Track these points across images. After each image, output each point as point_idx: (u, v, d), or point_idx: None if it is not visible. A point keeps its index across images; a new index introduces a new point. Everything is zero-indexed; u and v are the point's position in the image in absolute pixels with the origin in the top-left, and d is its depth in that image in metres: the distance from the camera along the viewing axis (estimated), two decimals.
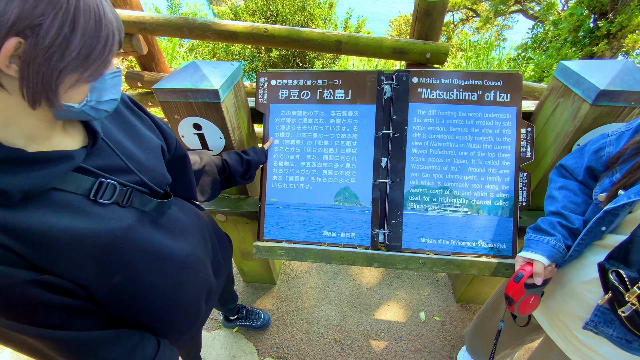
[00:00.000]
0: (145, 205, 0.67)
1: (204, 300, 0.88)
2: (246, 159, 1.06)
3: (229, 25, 1.61)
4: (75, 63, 0.46)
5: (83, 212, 0.55)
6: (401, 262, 1.07)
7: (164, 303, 0.74)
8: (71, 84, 0.48)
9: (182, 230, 0.79)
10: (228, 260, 1.10)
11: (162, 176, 0.73)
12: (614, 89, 0.85)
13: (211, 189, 1.01)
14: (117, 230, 0.59)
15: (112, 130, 0.66)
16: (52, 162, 0.50)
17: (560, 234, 0.80)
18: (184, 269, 0.76)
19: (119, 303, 0.66)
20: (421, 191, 1.09)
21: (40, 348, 0.56)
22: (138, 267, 0.65)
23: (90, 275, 0.58)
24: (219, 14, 5.97)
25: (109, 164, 0.61)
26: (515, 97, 1.07)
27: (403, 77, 1.11)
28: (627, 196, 0.67)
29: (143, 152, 0.70)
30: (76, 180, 0.55)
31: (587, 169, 0.82)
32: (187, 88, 0.97)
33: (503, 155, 1.07)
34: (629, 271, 0.64)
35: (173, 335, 0.82)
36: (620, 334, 0.73)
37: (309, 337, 1.70)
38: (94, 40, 0.47)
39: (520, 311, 0.82)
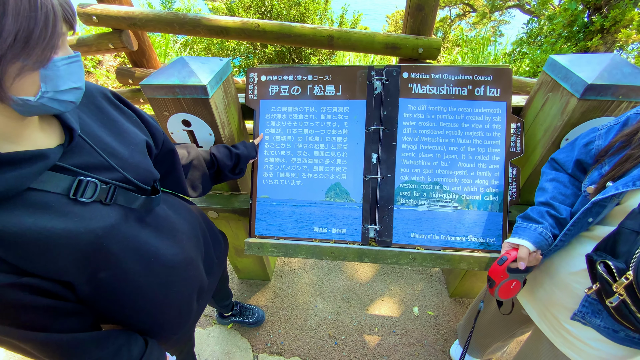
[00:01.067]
0: (132, 202, 0.66)
1: (195, 299, 0.87)
2: (235, 152, 1.05)
3: (220, 20, 1.60)
4: (14, 50, 0.42)
5: (62, 212, 0.54)
6: (392, 258, 1.07)
7: (152, 303, 0.73)
8: (16, 73, 0.44)
9: (171, 228, 0.77)
10: (222, 259, 1.09)
11: (147, 172, 0.71)
12: (602, 83, 0.85)
13: (202, 184, 0.99)
14: (99, 230, 0.57)
15: (93, 127, 0.64)
16: (25, 162, 0.49)
17: (548, 222, 0.81)
18: (172, 268, 0.75)
19: (105, 302, 0.66)
20: (411, 187, 1.09)
21: (24, 347, 0.56)
22: (123, 266, 0.64)
23: (74, 275, 0.57)
24: (214, 9, 5.91)
25: (89, 162, 0.59)
26: (505, 92, 1.07)
27: (393, 73, 1.10)
28: (615, 187, 0.67)
29: (126, 148, 0.68)
30: (54, 179, 0.53)
31: (577, 162, 0.82)
32: (175, 84, 0.96)
33: (493, 150, 1.07)
34: (617, 262, 0.64)
35: (163, 334, 0.81)
36: (608, 324, 0.74)
37: (303, 332, 1.71)
38: (31, 22, 0.42)
39: (501, 294, 0.84)
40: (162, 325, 0.79)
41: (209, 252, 0.97)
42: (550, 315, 0.88)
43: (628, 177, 0.67)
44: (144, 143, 0.73)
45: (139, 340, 0.72)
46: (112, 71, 3.67)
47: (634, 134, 0.68)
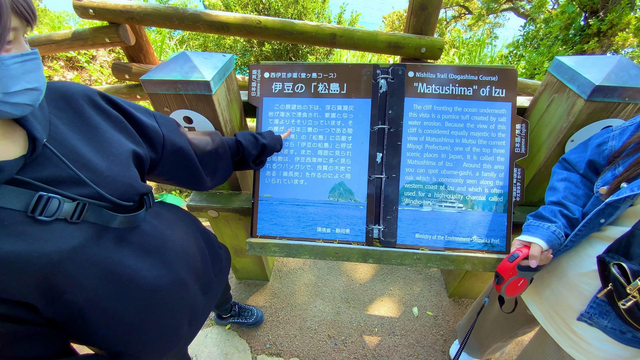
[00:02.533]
0: (108, 221, 0.59)
1: (186, 323, 0.81)
2: (262, 142, 0.99)
3: (221, 16, 1.57)
4: None
5: (14, 232, 0.48)
6: (396, 258, 1.06)
7: (127, 327, 0.66)
8: None
9: (159, 246, 0.71)
10: (222, 276, 1.02)
11: (127, 186, 0.62)
12: (609, 84, 0.85)
13: (223, 173, 0.94)
14: (54, 254, 0.51)
15: (66, 135, 0.56)
16: None
17: (561, 222, 0.81)
18: (154, 291, 0.68)
19: (76, 324, 0.60)
20: (416, 187, 1.08)
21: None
22: (89, 291, 0.58)
23: (34, 297, 0.53)
24: (210, 5, 5.84)
25: (55, 175, 0.53)
26: (510, 92, 1.07)
27: (399, 71, 1.09)
28: (630, 189, 0.67)
29: (105, 159, 0.60)
30: (11, 194, 0.47)
31: (589, 162, 0.82)
32: (177, 79, 0.93)
33: (498, 151, 1.07)
34: (631, 264, 0.64)
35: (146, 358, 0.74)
36: (615, 325, 0.74)
37: (303, 333, 1.70)
38: None
39: (507, 291, 0.83)
40: (145, 350, 0.72)
41: (207, 270, 0.90)
42: (556, 315, 0.88)
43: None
44: (130, 153, 0.65)
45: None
46: (107, 66, 3.60)
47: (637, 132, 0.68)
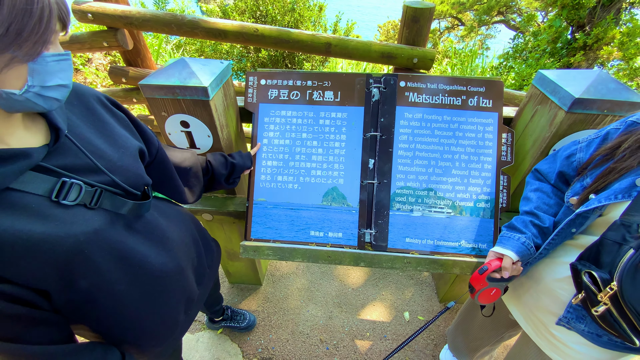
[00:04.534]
0: (119, 207, 0.63)
1: (182, 311, 0.84)
2: (231, 161, 1.05)
3: (219, 23, 1.60)
4: (6, 40, 0.42)
5: (42, 215, 0.51)
6: (387, 262, 1.09)
7: (134, 313, 0.70)
8: (4, 64, 0.44)
9: (161, 235, 0.75)
10: (214, 268, 1.06)
11: (137, 176, 0.68)
12: (588, 97, 0.90)
13: (198, 189, 0.99)
14: (80, 235, 0.55)
15: (82, 128, 0.62)
16: (5, 160, 0.47)
17: (531, 232, 0.84)
18: (160, 277, 0.72)
19: (84, 311, 0.63)
20: (407, 192, 1.12)
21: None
22: (104, 274, 0.61)
23: (51, 282, 0.55)
24: (208, 12, 5.90)
25: (75, 163, 0.57)
26: (497, 103, 1.12)
27: (391, 81, 1.13)
28: (597, 200, 0.70)
29: (116, 150, 0.65)
30: (36, 180, 0.51)
31: (559, 173, 0.86)
32: (175, 85, 0.95)
33: (485, 159, 1.11)
34: (601, 272, 0.67)
35: (145, 346, 0.77)
36: (592, 329, 0.77)
37: (295, 337, 1.70)
38: (26, 15, 0.43)
39: (481, 300, 0.87)
40: (144, 336, 0.75)
41: (201, 261, 0.94)
42: (536, 319, 0.91)
43: (610, 190, 0.70)
44: (136, 148, 0.71)
45: (116, 355, 0.68)
46: (102, 69, 3.60)
47: (616, 148, 0.72)
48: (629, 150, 0.71)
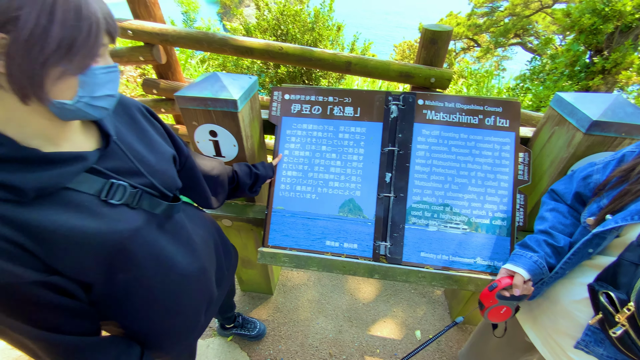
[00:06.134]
0: (155, 207, 0.68)
1: (203, 311, 0.88)
2: (255, 172, 1.10)
3: (246, 41, 1.71)
4: (57, 55, 0.45)
5: (93, 212, 0.56)
6: (401, 275, 1.10)
7: (162, 309, 0.73)
8: (57, 76, 0.47)
9: (187, 237, 0.79)
10: (232, 272, 1.10)
11: (172, 179, 0.75)
12: (606, 120, 0.92)
13: (223, 196, 1.04)
14: (125, 232, 0.59)
15: (126, 135, 0.68)
16: (66, 162, 0.52)
17: (544, 251, 0.84)
18: (186, 276, 0.76)
19: (117, 306, 0.66)
20: (423, 207, 1.14)
21: (31, 346, 0.56)
22: (141, 270, 0.65)
23: (95, 275, 0.59)
24: (231, 29, 6.20)
25: (121, 166, 0.63)
26: (514, 123, 1.14)
27: (409, 99, 1.18)
28: (614, 221, 0.71)
29: (154, 156, 0.71)
30: (88, 181, 0.56)
31: (576, 194, 0.87)
32: (208, 97, 1.03)
33: (501, 177, 1.12)
34: (619, 293, 0.67)
35: (167, 343, 0.80)
36: (611, 354, 0.76)
37: (304, 349, 1.69)
38: (75, 31, 0.45)
39: (490, 317, 0.86)
40: (168, 334, 0.79)
41: (220, 264, 0.98)
42: (553, 342, 0.89)
43: (626, 211, 0.70)
44: (171, 154, 0.78)
45: (137, 349, 0.72)
46: (132, 81, 3.82)
47: (631, 170, 0.73)
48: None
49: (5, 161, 0.46)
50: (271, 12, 5.51)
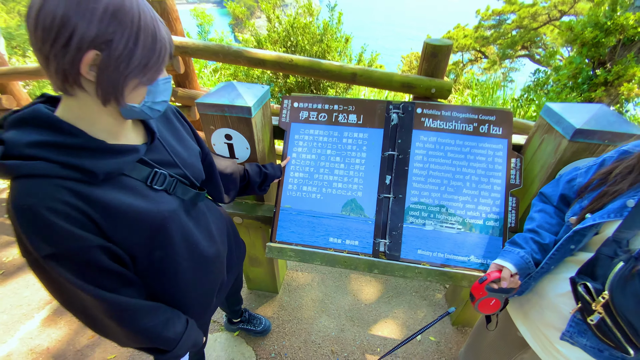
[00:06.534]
0: (186, 194, 0.80)
1: (216, 292, 0.99)
2: (264, 172, 1.21)
3: (259, 53, 1.84)
4: (137, 70, 0.57)
5: (142, 194, 0.68)
6: (399, 271, 1.17)
7: (187, 287, 0.84)
8: (133, 86, 0.59)
9: (207, 224, 0.91)
10: (240, 262, 1.21)
11: (199, 171, 0.88)
12: (589, 128, 0.99)
13: (233, 193, 1.15)
14: (165, 212, 0.71)
15: (164, 132, 0.80)
16: (125, 153, 0.64)
17: (531, 248, 0.91)
18: (206, 258, 0.87)
19: (152, 278, 0.77)
20: (420, 207, 1.22)
21: (92, 310, 0.67)
22: (174, 247, 0.76)
23: (140, 248, 0.70)
24: (243, 41, 6.45)
25: (162, 159, 0.75)
26: (507, 130, 1.22)
27: (409, 108, 1.27)
28: (592, 219, 0.78)
29: (185, 151, 0.84)
30: (139, 169, 0.68)
31: (561, 196, 0.94)
32: (225, 104, 1.14)
33: (494, 181, 1.20)
34: (595, 284, 0.74)
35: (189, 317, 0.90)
36: (593, 344, 0.82)
37: (307, 346, 1.76)
38: (151, 53, 0.58)
39: (480, 309, 0.92)
40: (189, 309, 0.89)
41: (231, 252, 1.09)
42: (542, 335, 0.95)
43: (604, 210, 0.78)
44: (197, 150, 0.91)
45: (182, 317, 0.83)
46: None
47: (609, 173, 0.81)
48: (620, 176, 0.79)
49: (80, 149, 0.58)
50: (281, 24, 5.73)
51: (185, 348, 0.84)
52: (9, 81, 2.53)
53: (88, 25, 0.50)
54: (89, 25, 0.50)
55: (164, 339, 0.77)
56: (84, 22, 0.49)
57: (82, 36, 0.50)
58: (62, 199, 0.55)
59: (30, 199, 0.53)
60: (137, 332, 0.72)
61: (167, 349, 0.80)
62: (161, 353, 0.82)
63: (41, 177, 0.54)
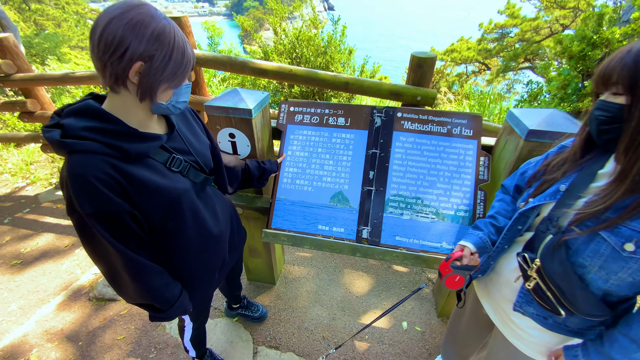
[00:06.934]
0: (197, 177, 0.97)
1: (218, 269, 1.15)
2: (263, 167, 1.39)
3: (262, 64, 2.05)
4: (168, 77, 0.75)
5: (163, 173, 0.86)
6: (379, 254, 1.32)
7: (194, 259, 1.01)
8: (163, 89, 0.77)
9: (213, 206, 1.08)
10: (240, 246, 1.36)
11: (209, 160, 1.05)
12: (540, 129, 1.15)
13: (235, 184, 1.32)
14: (180, 189, 0.89)
15: (181, 127, 0.99)
16: (152, 139, 0.82)
17: (489, 230, 1.06)
18: (210, 235, 1.04)
19: (164, 249, 0.94)
20: (399, 199, 1.38)
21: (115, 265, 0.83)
22: (185, 221, 0.93)
23: (156, 217, 0.87)
24: (251, 52, 6.77)
25: (179, 147, 0.93)
26: (477, 132, 1.38)
27: (390, 112, 1.45)
28: (532, 202, 0.94)
29: (198, 142, 1.02)
30: (161, 153, 0.86)
31: (516, 186, 1.10)
32: (229, 106, 1.33)
33: (465, 177, 1.36)
34: (532, 254, 0.89)
35: (192, 289, 1.06)
36: (539, 312, 0.95)
37: (300, 332, 1.89)
38: (180, 65, 0.76)
39: (447, 284, 1.06)
40: (194, 282, 1.05)
41: (233, 235, 1.25)
42: (500, 309, 1.09)
43: (542, 194, 0.93)
44: (208, 143, 1.09)
45: (179, 285, 0.99)
46: None
47: (549, 165, 0.96)
48: (556, 166, 0.95)
49: (119, 134, 0.76)
50: (287, 36, 6.02)
51: (177, 312, 0.99)
52: (34, 86, 2.79)
53: (138, 44, 0.68)
54: (139, 44, 0.68)
55: (163, 299, 0.93)
56: (136, 41, 0.68)
57: (134, 51, 0.68)
58: (104, 171, 0.73)
59: (82, 169, 0.71)
60: (143, 288, 0.88)
61: (162, 308, 0.95)
62: (157, 312, 0.97)
63: (90, 153, 0.72)
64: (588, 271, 0.80)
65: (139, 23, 0.68)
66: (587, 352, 0.87)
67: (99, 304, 2.09)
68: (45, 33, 9.41)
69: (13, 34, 2.78)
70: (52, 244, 2.61)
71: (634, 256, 0.72)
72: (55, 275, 2.34)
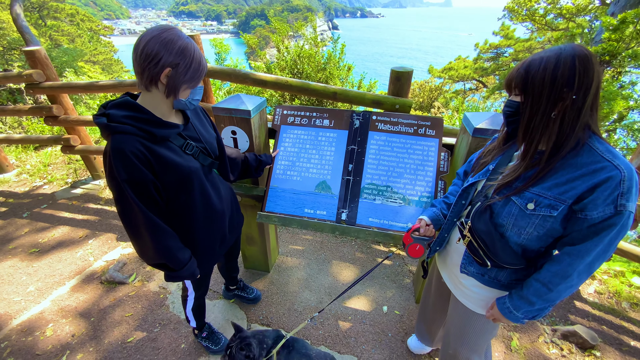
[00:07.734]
0: (205, 161, 1.22)
1: (218, 243, 1.38)
2: (259, 159, 1.65)
3: (262, 76, 2.36)
4: (188, 81, 1.00)
5: (180, 154, 1.11)
6: (355, 232, 1.56)
7: (200, 231, 1.24)
8: (184, 89, 1.02)
9: (217, 188, 1.32)
10: (239, 228, 1.60)
11: (215, 148, 1.30)
12: (483, 127, 1.41)
13: (236, 173, 1.58)
14: (192, 168, 1.14)
15: (194, 120, 1.25)
16: (172, 127, 1.08)
17: (441, 206, 1.30)
18: (215, 211, 1.28)
19: (176, 220, 1.18)
20: (372, 187, 1.63)
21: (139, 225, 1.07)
22: (194, 195, 1.18)
23: (172, 190, 1.12)
24: (255, 67, 7.21)
25: (192, 135, 1.19)
26: (438, 132, 1.65)
27: (367, 116, 1.72)
28: (469, 180, 1.19)
29: (207, 133, 1.28)
30: (178, 138, 1.12)
31: (464, 172, 1.35)
32: (232, 108, 1.61)
33: (428, 169, 1.61)
34: (467, 219, 1.13)
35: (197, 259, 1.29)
36: (477, 270, 1.17)
37: (290, 313, 2.10)
38: (197, 71, 1.01)
39: (409, 253, 1.28)
40: (199, 253, 1.28)
41: (232, 216, 1.49)
42: (452, 275, 1.31)
43: (478, 174, 1.18)
44: (215, 135, 1.34)
45: (188, 250, 1.23)
46: None
47: (483, 152, 1.22)
48: (488, 153, 1.20)
49: (149, 122, 1.02)
50: (290, 53, 6.45)
51: (187, 273, 1.22)
52: (60, 93, 3.12)
53: (169, 56, 0.96)
54: (169, 56, 0.96)
55: (176, 259, 1.17)
56: (167, 54, 0.96)
57: (165, 61, 0.96)
58: (137, 148, 0.99)
59: (121, 145, 0.97)
60: (160, 247, 1.11)
61: (175, 268, 1.18)
62: (171, 271, 1.20)
63: (127, 134, 0.99)
64: (506, 229, 1.03)
65: (170, 41, 0.96)
66: (511, 298, 1.08)
67: (109, 287, 2.32)
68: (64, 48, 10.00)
69: None
70: (68, 235, 2.86)
71: (534, 213, 0.95)
72: (70, 262, 2.57)
